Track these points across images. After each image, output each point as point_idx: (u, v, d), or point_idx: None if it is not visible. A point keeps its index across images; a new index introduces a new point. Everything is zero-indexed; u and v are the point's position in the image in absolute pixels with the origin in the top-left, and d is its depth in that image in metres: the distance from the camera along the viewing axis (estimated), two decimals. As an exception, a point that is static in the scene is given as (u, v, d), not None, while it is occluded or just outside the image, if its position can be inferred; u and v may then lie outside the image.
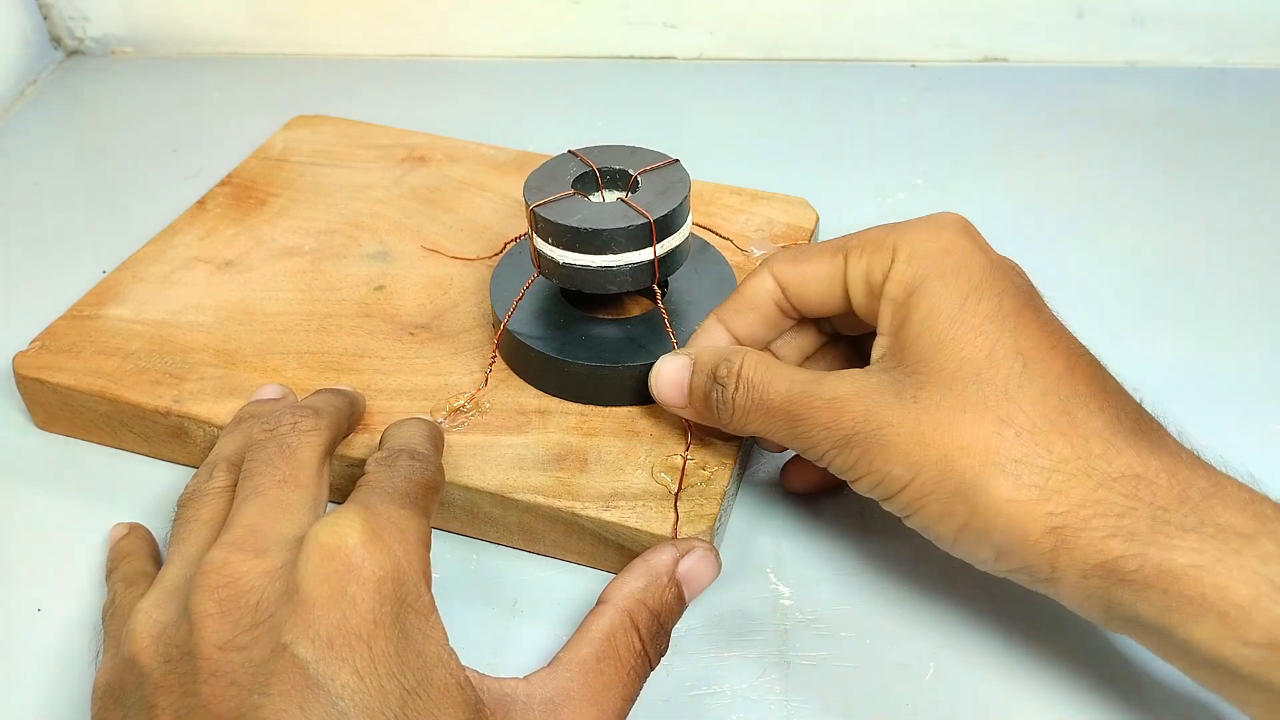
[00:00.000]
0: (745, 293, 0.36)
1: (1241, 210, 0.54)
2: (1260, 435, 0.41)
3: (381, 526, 0.27)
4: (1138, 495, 0.27)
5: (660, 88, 0.65)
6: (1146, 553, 0.26)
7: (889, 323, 0.32)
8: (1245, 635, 0.25)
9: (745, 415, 0.33)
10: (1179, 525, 0.26)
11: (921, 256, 0.31)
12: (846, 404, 0.31)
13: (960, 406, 0.29)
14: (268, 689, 0.24)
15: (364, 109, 0.58)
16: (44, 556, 0.38)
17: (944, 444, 0.29)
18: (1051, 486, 0.28)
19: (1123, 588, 0.27)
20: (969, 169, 0.58)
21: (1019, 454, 0.28)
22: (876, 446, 0.30)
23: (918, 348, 0.30)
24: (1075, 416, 0.28)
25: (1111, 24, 0.65)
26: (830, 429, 0.31)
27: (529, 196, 0.37)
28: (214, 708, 0.24)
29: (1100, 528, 0.27)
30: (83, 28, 0.69)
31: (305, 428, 0.32)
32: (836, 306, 0.34)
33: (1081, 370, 0.29)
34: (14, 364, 0.41)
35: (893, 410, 0.30)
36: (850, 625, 0.35)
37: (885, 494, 0.31)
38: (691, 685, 0.33)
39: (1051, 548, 0.27)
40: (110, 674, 0.28)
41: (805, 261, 0.34)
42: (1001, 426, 0.28)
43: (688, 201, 0.37)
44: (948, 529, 0.30)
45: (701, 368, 0.34)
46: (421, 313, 0.43)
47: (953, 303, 0.30)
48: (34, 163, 0.59)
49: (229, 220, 0.49)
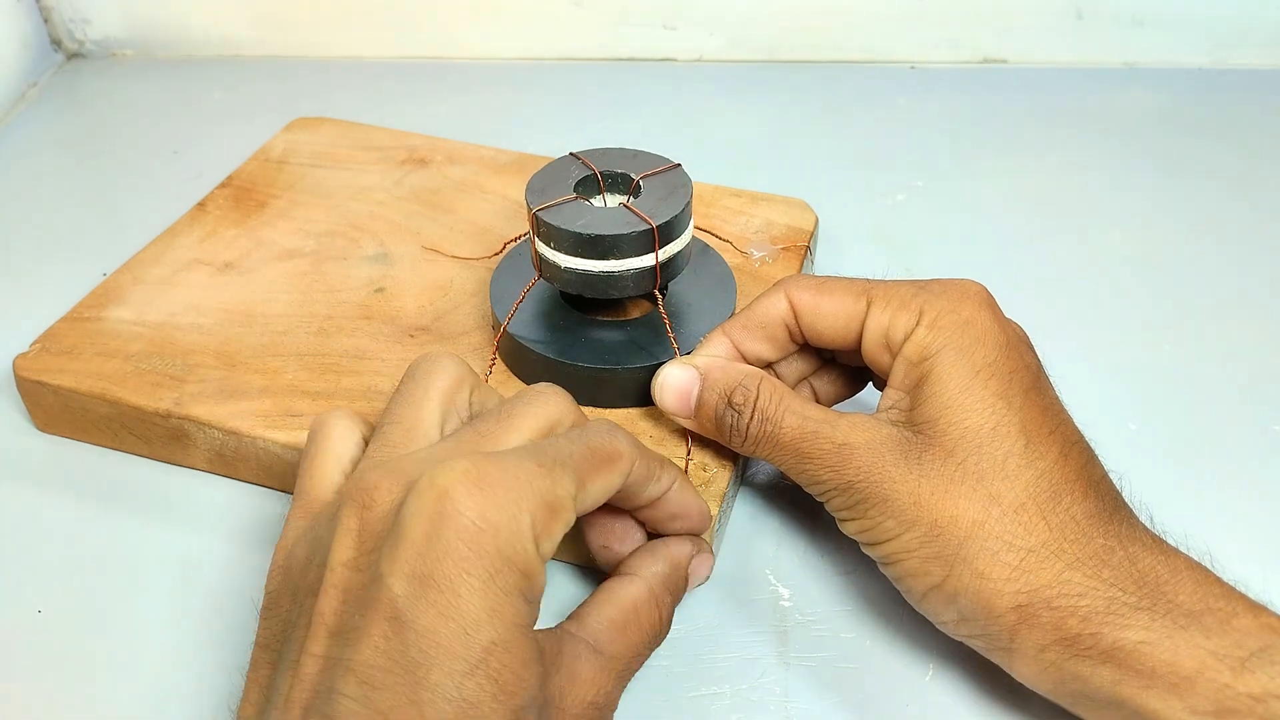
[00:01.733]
0: (757, 312, 0.36)
1: (1241, 210, 0.54)
2: (1260, 435, 0.41)
3: (492, 478, 0.26)
4: (1100, 577, 0.29)
5: (660, 89, 0.66)
6: (1101, 631, 0.28)
7: (901, 380, 0.33)
8: (1193, 705, 0.27)
9: (755, 444, 0.34)
10: (1133, 606, 0.28)
11: (943, 326, 0.33)
12: (855, 453, 0.32)
13: (959, 477, 0.31)
14: (365, 613, 0.25)
15: (364, 111, 0.58)
16: (44, 557, 0.38)
17: (936, 510, 0.31)
18: (1025, 566, 0.30)
19: (1078, 661, 0.29)
20: (969, 170, 0.58)
21: (1002, 533, 0.30)
22: (875, 498, 0.31)
23: (927, 411, 0.32)
24: (1060, 503, 0.30)
25: (1111, 24, 0.65)
26: (836, 472, 0.32)
27: (531, 200, 0.37)
28: (325, 617, 0.26)
29: (1061, 607, 0.29)
30: (83, 30, 0.69)
31: (546, 398, 0.31)
32: (845, 344, 0.35)
33: (1074, 459, 0.31)
34: (14, 366, 0.41)
35: (896, 468, 0.31)
36: (850, 625, 0.35)
37: (871, 540, 0.32)
38: (691, 685, 0.33)
39: (1014, 622, 0.29)
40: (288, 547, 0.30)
41: (826, 294, 0.35)
42: (991, 504, 0.30)
43: (690, 207, 0.37)
44: (919, 586, 0.31)
45: (713, 386, 0.35)
46: (422, 315, 0.43)
47: (965, 375, 0.32)
48: (35, 165, 0.60)
49: (229, 222, 0.49)
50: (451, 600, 0.25)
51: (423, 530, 0.25)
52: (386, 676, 0.24)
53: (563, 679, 0.28)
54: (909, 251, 0.52)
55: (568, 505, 0.27)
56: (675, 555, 0.33)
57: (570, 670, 0.28)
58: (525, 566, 0.26)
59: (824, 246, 0.51)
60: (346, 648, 0.25)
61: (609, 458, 0.29)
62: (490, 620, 0.25)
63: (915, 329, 0.33)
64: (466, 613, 0.25)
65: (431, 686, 0.24)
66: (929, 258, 0.51)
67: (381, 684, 0.24)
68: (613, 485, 0.29)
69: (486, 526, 0.25)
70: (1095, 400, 0.37)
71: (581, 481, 0.28)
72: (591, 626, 0.30)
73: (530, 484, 0.26)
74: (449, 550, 0.25)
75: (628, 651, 0.30)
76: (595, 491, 0.29)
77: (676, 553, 0.33)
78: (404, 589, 0.25)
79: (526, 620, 0.26)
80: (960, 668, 0.33)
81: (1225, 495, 0.39)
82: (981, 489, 0.30)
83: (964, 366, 0.32)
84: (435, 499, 0.26)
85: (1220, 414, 0.42)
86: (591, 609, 0.31)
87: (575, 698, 0.28)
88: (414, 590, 0.25)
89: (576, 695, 0.28)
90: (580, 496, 0.28)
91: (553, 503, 0.27)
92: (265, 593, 0.29)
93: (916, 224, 0.54)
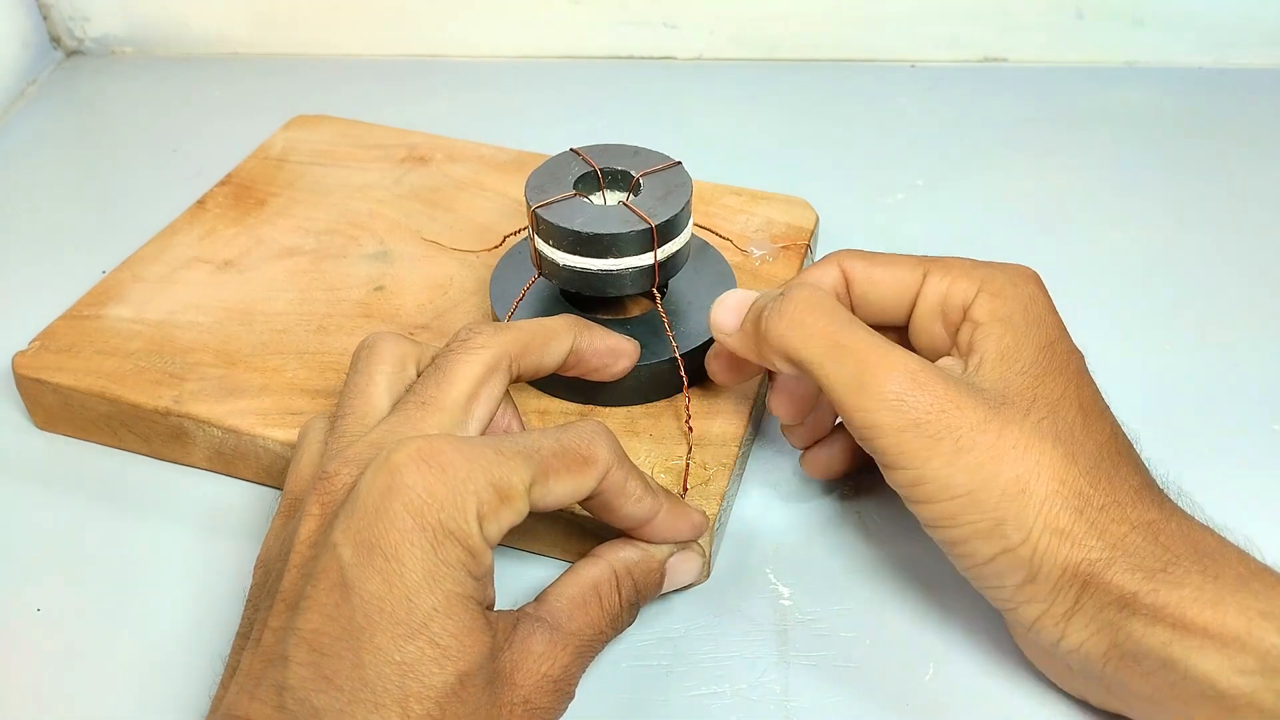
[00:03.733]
0: (809, 279, 0.35)
1: (1241, 210, 0.54)
2: (1260, 435, 0.41)
3: (444, 457, 0.27)
4: (1157, 540, 0.29)
5: (660, 88, 0.65)
6: (1159, 590, 0.28)
7: (967, 342, 0.32)
8: (1241, 664, 0.27)
9: (806, 335, 0.31)
10: (1186, 567, 0.29)
11: (1009, 297, 0.33)
12: (932, 381, 0.30)
13: (1039, 434, 0.30)
14: (316, 581, 0.26)
15: (364, 109, 0.58)
16: (43, 556, 0.38)
17: (1020, 464, 0.29)
18: (1099, 524, 0.29)
19: (1135, 620, 0.28)
20: (969, 169, 0.58)
21: (1081, 490, 0.30)
22: (948, 442, 0.29)
23: (1000, 371, 0.31)
24: (1120, 471, 0.31)
25: (1111, 24, 0.65)
26: (900, 404, 0.29)
27: (531, 197, 0.37)
28: (285, 593, 0.28)
29: (1123, 565, 0.29)
30: (83, 28, 0.69)
31: (473, 345, 0.32)
32: (894, 316, 0.35)
33: (1121, 439, 0.32)
34: (14, 364, 0.41)
35: (977, 410, 0.30)
36: (850, 625, 0.35)
37: (930, 496, 0.30)
38: (691, 685, 0.33)
39: (1083, 580, 0.29)
40: (268, 543, 0.31)
41: (880, 265, 0.35)
42: (1071, 463, 0.30)
43: (689, 206, 0.37)
44: (987, 549, 0.30)
45: (767, 295, 0.34)
46: (422, 313, 0.43)
47: (1035, 345, 0.32)
48: (34, 163, 0.59)
49: (229, 220, 0.49)
50: (395, 568, 0.26)
51: (373, 502, 0.27)
52: (334, 643, 0.26)
53: (515, 653, 0.28)
54: (909, 251, 0.51)
55: (519, 494, 0.28)
56: (649, 548, 0.33)
57: (523, 645, 0.29)
58: (467, 544, 0.27)
59: (824, 246, 0.50)
60: (298, 616, 0.26)
61: (581, 460, 0.29)
62: (431, 588, 0.26)
63: (978, 295, 0.33)
64: (409, 580, 0.26)
65: (375, 650, 0.25)
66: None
67: (329, 649, 0.26)
68: (581, 488, 0.30)
69: (432, 500, 0.26)
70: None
71: (543, 475, 0.28)
72: (550, 604, 0.31)
73: (482, 467, 0.27)
74: (395, 521, 0.26)
75: (586, 629, 0.30)
76: (559, 490, 0.29)
77: (651, 547, 0.33)
78: (351, 556, 0.26)
79: (470, 592, 0.27)
80: (960, 667, 0.33)
81: (1226, 496, 0.39)
82: (1062, 447, 0.30)
83: (1033, 338, 0.32)
84: (388, 474, 0.27)
85: (1220, 414, 0.42)
86: (552, 588, 0.32)
87: (529, 670, 0.29)
88: (361, 558, 0.26)
89: (529, 668, 0.29)
90: (539, 490, 0.28)
91: (503, 489, 0.27)
92: (249, 587, 0.31)
93: (916, 223, 0.54)
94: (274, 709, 0.26)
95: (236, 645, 0.30)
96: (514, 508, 0.28)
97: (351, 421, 0.31)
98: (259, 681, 0.26)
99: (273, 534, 0.31)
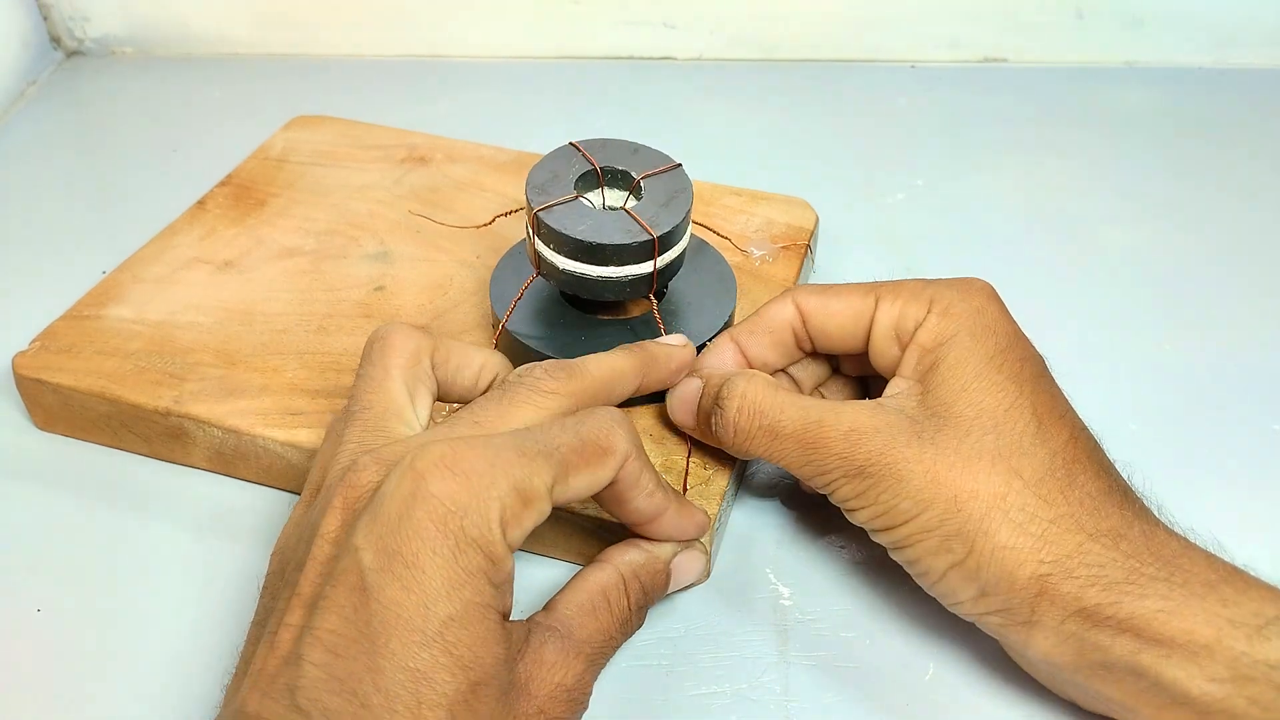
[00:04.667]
0: (764, 317, 0.36)
1: (1241, 210, 0.54)
2: (1260, 435, 0.41)
3: (467, 463, 0.27)
4: (1118, 549, 0.30)
5: (660, 88, 0.65)
6: (1121, 600, 0.29)
7: (913, 367, 0.33)
8: (1211, 672, 0.28)
9: (748, 439, 0.34)
10: (1150, 576, 0.29)
11: (956, 314, 0.33)
12: (865, 436, 0.32)
13: (976, 453, 0.31)
14: (336, 583, 0.26)
15: (364, 109, 0.58)
16: (43, 556, 0.38)
17: (956, 485, 0.31)
18: (1047, 537, 0.30)
19: (1098, 631, 0.29)
20: (969, 170, 0.58)
21: (1025, 504, 0.30)
22: (889, 479, 0.31)
23: (941, 393, 0.32)
24: (1076, 480, 0.31)
25: (1111, 24, 0.65)
26: (845, 458, 0.32)
27: (532, 197, 0.37)
28: (303, 588, 0.27)
29: (1082, 576, 0.29)
30: (83, 28, 0.69)
31: (545, 388, 0.32)
32: (852, 345, 0.36)
33: (1082, 443, 0.32)
34: (14, 364, 0.41)
35: (910, 447, 0.31)
36: (850, 625, 0.35)
37: (886, 525, 0.32)
38: (691, 685, 0.33)
39: (1036, 592, 0.30)
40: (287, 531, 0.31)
41: (833, 296, 0.36)
42: (1013, 477, 0.31)
43: (690, 214, 0.37)
44: (939, 564, 0.31)
45: (709, 390, 0.35)
46: (421, 313, 0.43)
47: (980, 359, 0.32)
48: (34, 163, 0.59)
49: (229, 220, 0.49)
50: (415, 575, 0.26)
51: (396, 508, 0.26)
52: (350, 645, 0.26)
53: (529, 664, 0.29)
54: (909, 251, 0.52)
55: (542, 496, 0.28)
56: (654, 548, 0.33)
57: (536, 655, 0.29)
58: (490, 551, 0.27)
59: (824, 246, 0.51)
60: (316, 616, 0.26)
61: (600, 451, 0.29)
62: (449, 596, 0.26)
63: (927, 317, 0.33)
64: (428, 587, 0.26)
65: (389, 655, 0.25)
66: (929, 257, 0.51)
67: (344, 652, 0.26)
68: (600, 480, 0.30)
69: (455, 509, 0.26)
70: (1095, 400, 0.37)
71: (564, 473, 0.28)
72: (560, 613, 0.31)
73: (505, 471, 0.27)
74: (417, 529, 0.26)
75: (597, 636, 0.31)
76: (578, 484, 0.29)
77: (655, 548, 0.33)
78: (372, 561, 0.26)
79: (489, 601, 0.27)
80: (960, 667, 0.33)
81: (1226, 496, 0.39)
82: (1002, 464, 0.31)
83: (979, 351, 0.32)
84: (412, 480, 0.27)
85: (1221, 414, 0.42)
86: (561, 596, 0.32)
87: (542, 680, 0.29)
88: (381, 563, 0.26)
89: (543, 678, 0.29)
90: (560, 488, 0.28)
91: (526, 492, 0.27)
92: (265, 575, 0.30)
93: (916, 223, 0.54)
94: (286, 708, 0.26)
95: (252, 634, 0.29)
96: (537, 509, 0.28)
97: (372, 417, 0.31)
98: (273, 680, 0.26)
99: (292, 523, 0.31)
